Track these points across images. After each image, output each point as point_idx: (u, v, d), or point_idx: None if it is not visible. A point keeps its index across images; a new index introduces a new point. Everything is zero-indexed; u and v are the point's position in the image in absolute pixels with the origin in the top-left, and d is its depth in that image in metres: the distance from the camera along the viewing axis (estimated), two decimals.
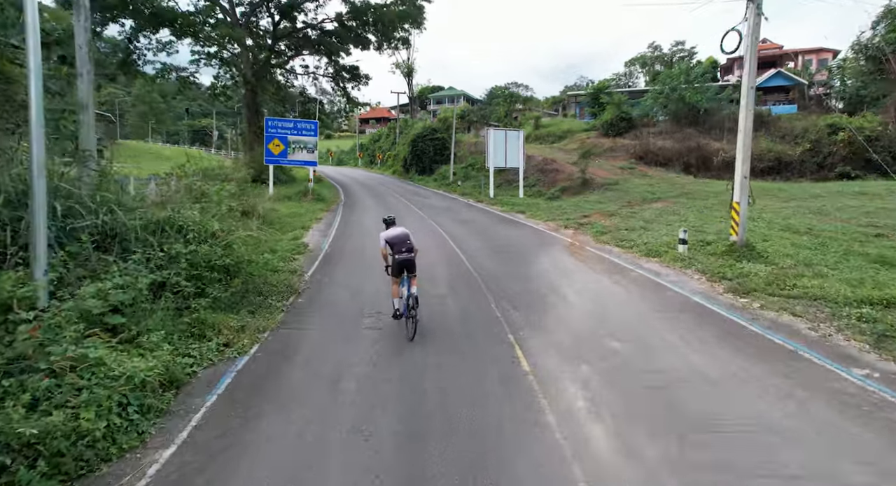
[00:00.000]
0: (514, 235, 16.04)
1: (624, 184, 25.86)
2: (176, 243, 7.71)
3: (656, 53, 77.24)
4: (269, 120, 23.16)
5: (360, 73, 37.92)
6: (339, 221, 18.58)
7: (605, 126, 41.13)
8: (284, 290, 9.29)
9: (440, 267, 11.50)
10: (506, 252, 13.20)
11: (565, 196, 26.21)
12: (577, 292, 9.57)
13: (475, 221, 19.16)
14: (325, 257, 12.36)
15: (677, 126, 38.66)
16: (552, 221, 18.58)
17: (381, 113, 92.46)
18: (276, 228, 15.69)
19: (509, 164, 27.24)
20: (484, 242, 14.70)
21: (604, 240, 14.40)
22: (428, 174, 41.77)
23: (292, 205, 21.14)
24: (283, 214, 18.71)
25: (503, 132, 27.10)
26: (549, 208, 21.50)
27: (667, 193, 21.97)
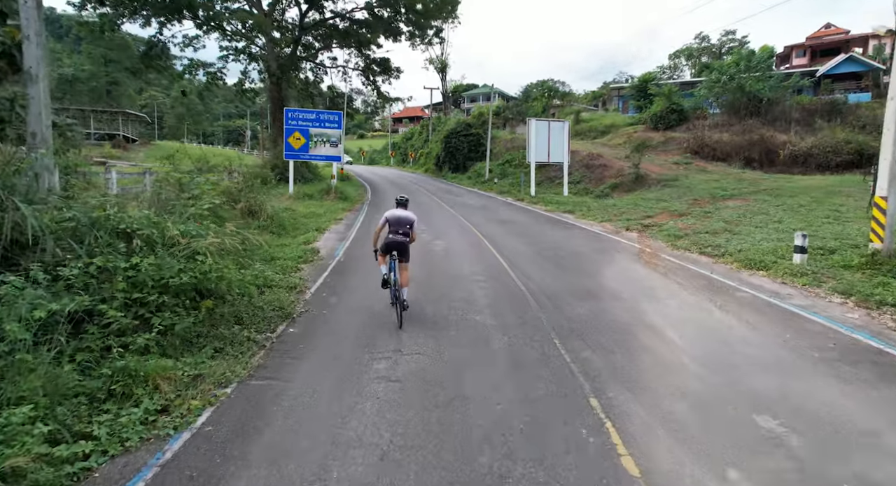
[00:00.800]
0: (566, 238, 13.30)
1: (683, 180, 22.64)
2: (111, 255, 5.42)
3: (703, 44, 72.46)
4: (290, 111, 21.11)
5: (390, 66, 35.70)
6: (362, 222, 16.23)
7: (654, 119, 37.66)
8: (273, 315, 6.89)
9: (477, 280, 8.92)
10: (559, 260, 10.52)
11: (616, 194, 23.18)
12: (674, 322, 6.81)
13: (516, 221, 16.49)
14: (337, 268, 9.95)
15: (735, 118, 34.89)
16: (608, 221, 15.73)
17: (413, 112, 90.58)
18: (288, 229, 13.46)
19: (552, 158, 24.39)
20: (530, 246, 12.04)
21: (682, 246, 11.50)
22: (461, 172, 39.23)
23: (312, 204, 18.96)
24: (300, 214, 16.51)
25: (546, 123, 24.29)
26: (602, 208, 18.60)
27: (740, 191, 18.70)
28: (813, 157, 28.11)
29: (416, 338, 6.28)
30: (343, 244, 12.25)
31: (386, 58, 35.86)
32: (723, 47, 70.34)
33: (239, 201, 13.33)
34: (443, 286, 8.61)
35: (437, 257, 10.98)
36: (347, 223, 15.69)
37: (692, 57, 73.09)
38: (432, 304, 7.61)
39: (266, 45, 30.30)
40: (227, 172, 14.54)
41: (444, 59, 62.50)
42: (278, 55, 31.96)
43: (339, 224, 15.42)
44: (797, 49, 54.75)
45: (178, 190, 8.66)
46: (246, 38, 32.56)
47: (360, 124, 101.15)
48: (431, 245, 12.25)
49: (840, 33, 55.98)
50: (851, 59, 40.93)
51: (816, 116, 32.29)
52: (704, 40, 71.09)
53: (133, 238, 5.74)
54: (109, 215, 5.74)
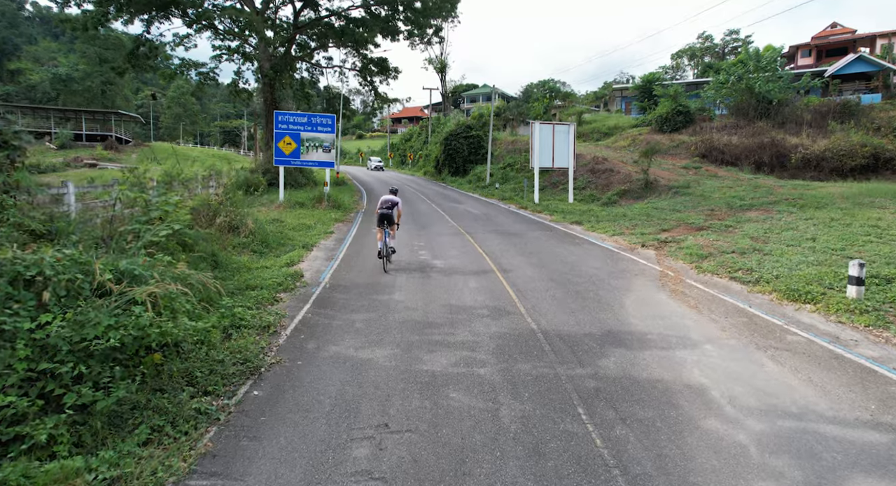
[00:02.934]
0: (578, 257, 12.06)
1: (696, 187, 21.40)
2: (10, 313, 4.18)
3: (706, 44, 71.23)
4: (280, 114, 19.83)
5: (388, 66, 34.46)
6: (354, 235, 14.97)
7: (660, 121, 36.45)
8: (235, 371, 5.65)
9: (481, 316, 7.68)
10: (573, 287, 9.28)
11: (624, 202, 21.95)
12: (720, 380, 5.57)
13: (521, 234, 15.25)
14: (321, 298, 8.69)
15: (743, 120, 33.68)
16: (620, 235, 14.49)
17: (413, 112, 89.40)
18: (272, 246, 12.21)
19: (557, 164, 23.16)
20: (539, 268, 10.80)
21: (708, 268, 10.26)
22: (461, 175, 37.99)
23: (303, 213, 17.71)
24: (288, 226, 15.27)
25: (550, 127, 23.04)
26: (611, 218, 17.35)
27: (758, 200, 17.46)
28: (826, 161, 26.88)
29: (408, 405, 5.04)
30: (331, 265, 10.99)
31: (383, 57, 34.63)
32: (726, 47, 69.13)
33: (218, 216, 12.10)
34: (442, 324, 7.37)
35: (435, 281, 9.75)
36: (338, 238, 14.41)
37: (695, 57, 71.89)
38: (430, 353, 6.37)
39: (258, 44, 29.04)
40: (208, 181, 13.27)
41: (444, 59, 61.26)
42: (271, 55, 30.68)
43: (328, 239, 14.15)
44: (802, 49, 53.55)
45: (144, 209, 7.40)
46: (239, 38, 31.30)
47: (359, 125, 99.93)
48: (430, 266, 11.02)
49: (846, 33, 54.79)
50: (861, 58, 39.68)
51: (829, 117, 31.08)
52: (708, 40, 69.90)
53: (47, 287, 4.49)
54: (15, 258, 4.48)
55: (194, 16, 27.73)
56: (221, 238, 11.64)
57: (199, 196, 12.17)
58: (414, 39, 56.61)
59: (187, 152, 52.99)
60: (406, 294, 8.83)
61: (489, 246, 13.22)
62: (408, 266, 10.96)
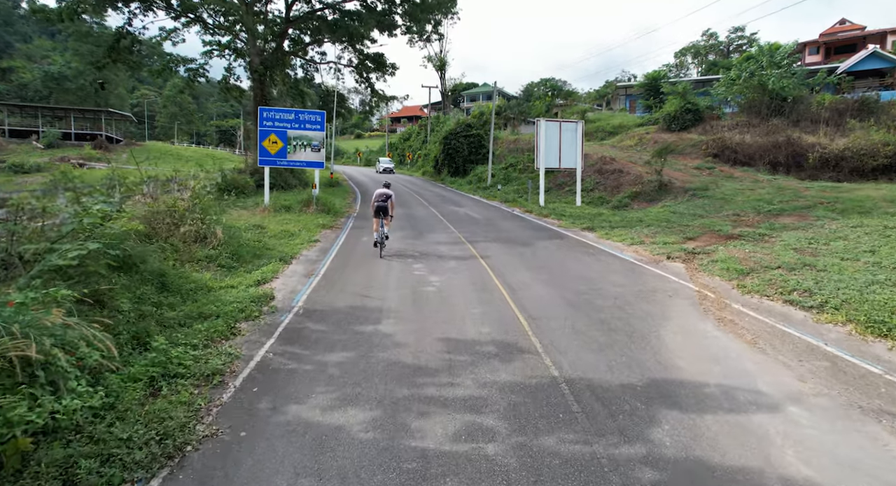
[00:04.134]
0: (596, 271, 10.41)
1: (714, 189, 19.74)
2: None
3: (711, 42, 69.62)
4: (264, 110, 18.15)
5: (385, 62, 32.79)
6: (342, 244, 13.30)
7: (668, 120, 34.85)
8: (146, 454, 4.01)
9: (487, 355, 6.02)
10: (598, 313, 7.62)
11: (637, 205, 20.31)
12: (826, 468, 3.92)
13: (528, 243, 13.60)
14: (290, 329, 7.03)
15: (756, 118, 32.07)
16: (639, 244, 12.84)
17: (412, 111, 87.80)
18: (245, 259, 10.55)
19: (564, 164, 21.51)
20: (553, 286, 9.16)
21: (753, 287, 8.61)
22: (461, 175, 36.34)
23: (288, 219, 16.05)
24: (270, 233, 13.63)
25: (556, 124, 21.38)
26: (626, 223, 15.69)
27: (788, 204, 15.79)
28: (846, 160, 25.28)
29: None
30: (309, 283, 9.33)
31: (380, 53, 33.01)
32: (731, 45, 67.51)
33: (183, 224, 10.46)
34: (438, 369, 5.73)
35: (431, 305, 8.10)
36: (323, 248, 12.73)
37: (699, 55, 70.27)
38: (422, 417, 4.72)
39: (248, 38, 27.37)
40: (176, 183, 11.62)
41: (443, 57, 59.59)
42: (262, 50, 29.03)
43: (312, 249, 12.47)
44: (810, 46, 52.05)
45: (78, 224, 5.75)
46: (230, 32, 29.68)
47: (358, 124, 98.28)
48: (425, 285, 9.36)
49: (856, 29, 53.24)
50: (875, 54, 38.01)
51: (847, 115, 29.46)
52: (712, 37, 68.25)
53: None
54: None
55: (179, 8, 26.10)
56: (186, 250, 10.02)
57: (163, 201, 10.52)
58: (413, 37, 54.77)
59: (180, 152, 51.35)
60: (395, 324, 7.19)
61: (494, 258, 11.57)
62: (400, 284, 9.33)
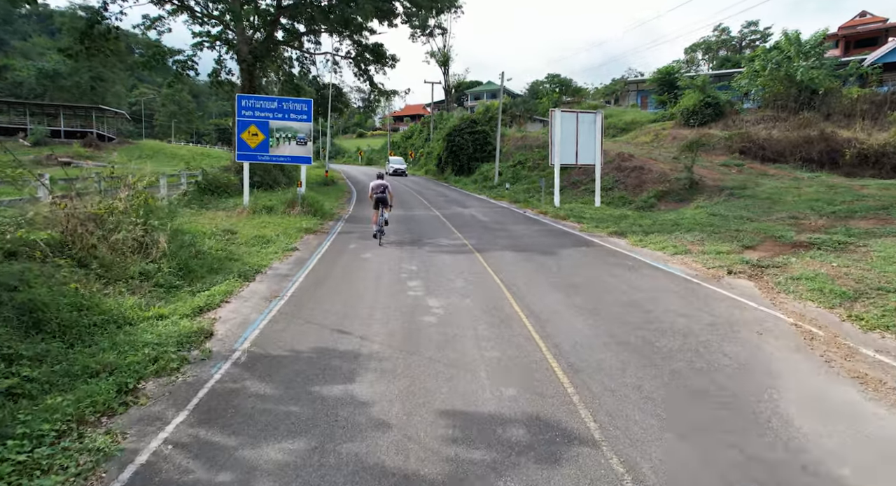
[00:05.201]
0: (643, 291, 8.01)
1: (753, 187, 17.29)
2: None
3: (722, 37, 66.97)
4: (243, 97, 15.79)
5: (384, 53, 30.47)
6: (323, 254, 10.92)
7: (686, 115, 32.41)
8: None
9: (514, 451, 3.66)
10: (667, 364, 5.25)
11: (665, 205, 17.90)
12: None
13: (550, 251, 11.22)
14: (219, 395, 4.65)
15: (783, 111, 29.61)
16: (685, 253, 10.45)
17: (415, 110, 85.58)
18: (196, 274, 8.22)
19: (581, 160, 19.12)
20: (592, 316, 6.80)
21: (875, 321, 6.19)
22: (466, 174, 33.99)
23: (267, 222, 13.72)
24: (241, 239, 11.30)
25: (573, 115, 18.96)
26: (660, 227, 13.29)
27: (854, 204, 13.32)
28: (887, 156, 22.87)
29: None
30: (268, 310, 6.97)
31: (379, 43, 30.65)
32: (744, 40, 64.87)
33: (117, 231, 8.15)
34: (438, 482, 3.39)
35: (429, 349, 5.74)
36: (300, 258, 10.35)
37: (710, 50, 67.63)
38: None
39: (235, 26, 25.10)
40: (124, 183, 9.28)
41: (447, 52, 57.19)
42: (251, 38, 26.75)
43: (286, 260, 10.11)
44: (829, 39, 49.53)
45: None
46: (220, 22, 27.44)
47: (360, 123, 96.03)
48: (422, 312, 7.00)
49: (877, 22, 50.65)
50: None
51: (885, 108, 26.99)
52: (724, 33, 65.59)
53: None
54: None
55: None
56: (118, 264, 7.71)
57: (88, 202, 8.22)
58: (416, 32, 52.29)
59: (174, 151, 49.15)
60: (376, 381, 4.85)
61: (509, 272, 9.21)
62: (389, 311, 6.97)
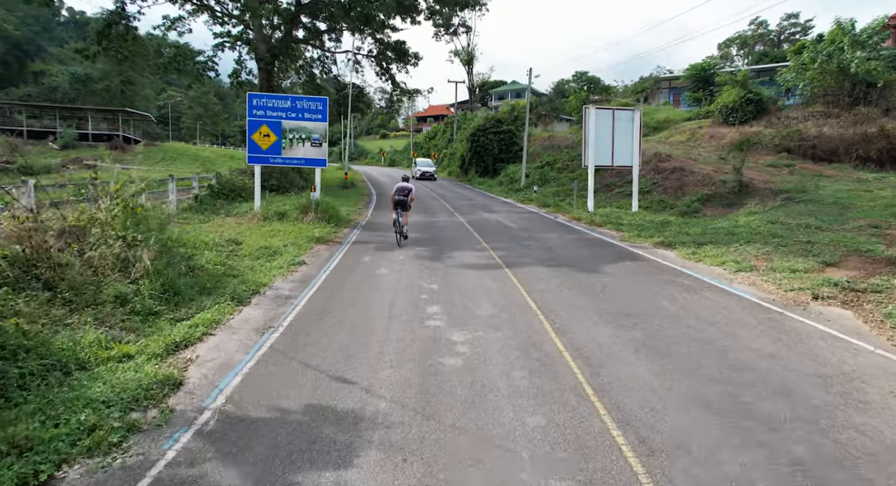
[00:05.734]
0: (720, 327, 6.47)
1: (814, 191, 15.44)
2: None
3: (759, 31, 63.77)
4: (254, 96, 14.77)
5: (406, 51, 29.35)
6: (333, 270, 9.68)
7: (725, 112, 30.27)
8: None
9: None
10: (794, 454, 3.84)
11: (711, 211, 16.18)
12: None
13: (592, 267, 9.75)
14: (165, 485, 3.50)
15: (835, 107, 27.28)
16: (749, 270, 8.88)
17: (438, 110, 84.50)
18: (184, 296, 7.09)
19: (618, 161, 17.52)
20: (658, 359, 5.34)
21: None
22: (491, 176, 32.57)
23: (278, 229, 12.63)
24: (246, 250, 10.20)
25: (609, 113, 17.38)
26: (713, 238, 11.65)
27: None
28: None
29: None
30: (256, 348, 5.72)
31: (401, 41, 29.54)
32: (782, 33, 61.60)
33: (96, 246, 7.09)
34: None
35: (451, 409, 4.39)
36: (306, 275, 9.13)
37: (746, 45, 64.49)
38: None
39: (253, 23, 24.29)
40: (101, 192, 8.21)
41: (471, 51, 55.81)
42: (269, 36, 25.94)
43: (291, 276, 8.92)
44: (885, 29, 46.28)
45: None
46: (241, 21, 26.75)
47: (384, 124, 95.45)
48: (442, 352, 5.65)
49: None
50: None
51: None
52: (761, 26, 62.42)
53: None
54: None
55: None
56: (91, 286, 6.64)
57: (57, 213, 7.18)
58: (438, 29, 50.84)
59: (198, 152, 49.07)
60: (380, 472, 3.53)
61: (545, 294, 7.82)
62: (402, 350, 5.66)
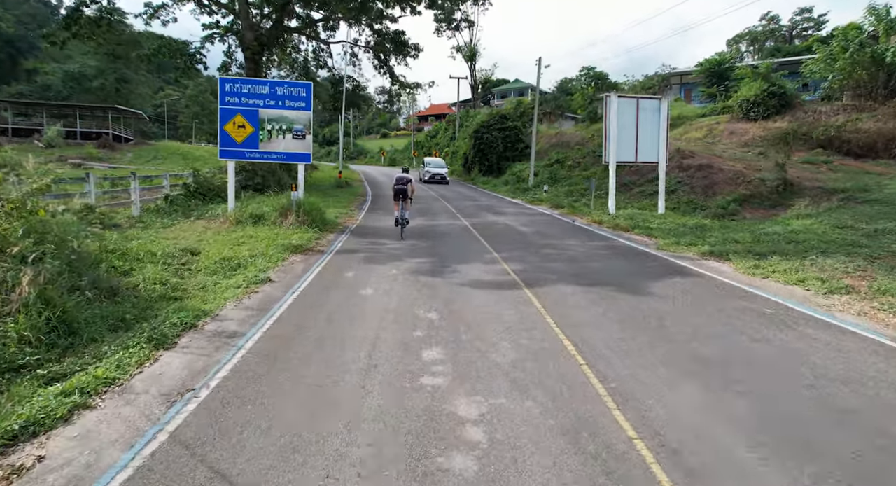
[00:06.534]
0: (852, 389, 4.31)
1: (878, 190, 13.30)
2: None
3: (770, 27, 61.47)
4: (226, 80, 12.56)
5: (405, 42, 27.24)
6: (304, 290, 7.54)
7: (746, 106, 28.06)
8: None
9: None
10: None
11: (749, 212, 14.04)
12: None
13: (636, 288, 7.58)
14: None
15: (867, 100, 25.11)
16: (845, 292, 6.75)
17: (440, 109, 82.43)
18: (81, 337, 5.02)
19: (642, 156, 15.37)
20: (805, 467, 3.30)
21: None
22: (495, 175, 30.44)
23: (251, 235, 10.51)
24: (203, 261, 8.12)
25: (633, 102, 15.22)
26: (771, 246, 9.49)
27: None
28: None
29: None
30: (153, 431, 3.59)
31: (400, 30, 27.45)
32: (794, 28, 59.30)
33: None
34: None
35: None
36: (268, 297, 6.92)
37: (756, 41, 62.19)
38: None
39: (240, 8, 22.20)
40: None
41: (474, 47, 53.63)
42: (257, 24, 23.87)
43: (249, 299, 6.73)
44: None
45: None
46: (231, 11, 24.71)
47: (385, 123, 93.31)
48: (445, 439, 3.53)
49: None
50: None
51: None
52: (773, 21, 60.12)
53: None
54: None
55: None
56: None
57: None
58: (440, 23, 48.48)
59: (191, 151, 47.03)
60: None
61: (585, 329, 5.70)
62: (380, 447, 3.51)
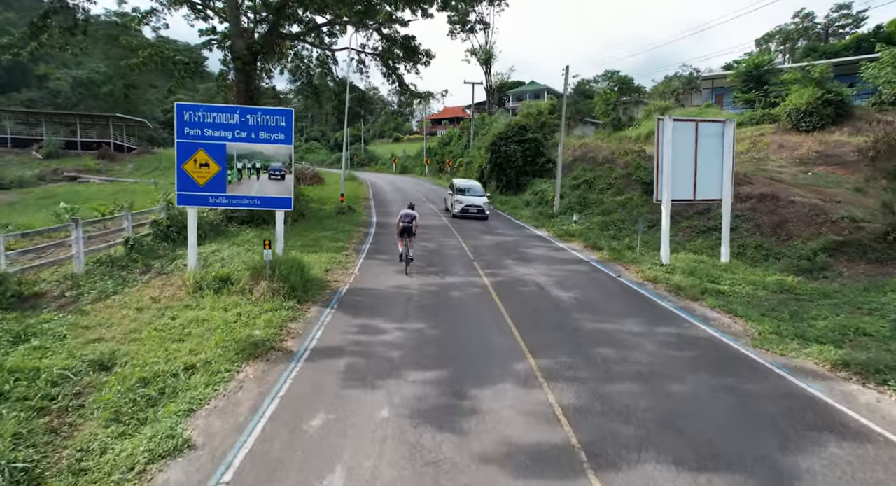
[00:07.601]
0: None
1: None
2: None
3: (803, 25, 57.36)
4: (184, 108, 9.75)
5: (416, 48, 24.48)
6: (246, 460, 4.93)
7: (795, 116, 24.72)
8: None
9: None
10: None
11: (846, 266, 10.99)
12: None
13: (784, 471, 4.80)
14: None
15: None
16: None
17: (454, 113, 79.54)
18: None
19: (702, 193, 12.35)
20: None
21: None
22: (515, 192, 27.51)
23: (205, 315, 7.83)
24: (111, 386, 5.49)
25: (691, 126, 12.18)
26: None
27: None
28: None
29: None
30: None
31: (410, 36, 24.64)
32: (830, 26, 55.17)
33: None
34: None
35: None
36: (196, 469, 4.25)
37: (789, 40, 58.13)
38: None
39: (230, 13, 19.66)
40: None
41: (489, 49, 50.66)
42: (250, 31, 21.35)
43: (162, 473, 4.07)
44: None
45: None
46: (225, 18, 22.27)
47: (397, 127, 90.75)
48: None
49: None
50: None
51: None
52: (807, 18, 56.01)
53: None
54: None
55: None
56: None
57: None
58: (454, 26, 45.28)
59: None
60: None
61: None
62: None
